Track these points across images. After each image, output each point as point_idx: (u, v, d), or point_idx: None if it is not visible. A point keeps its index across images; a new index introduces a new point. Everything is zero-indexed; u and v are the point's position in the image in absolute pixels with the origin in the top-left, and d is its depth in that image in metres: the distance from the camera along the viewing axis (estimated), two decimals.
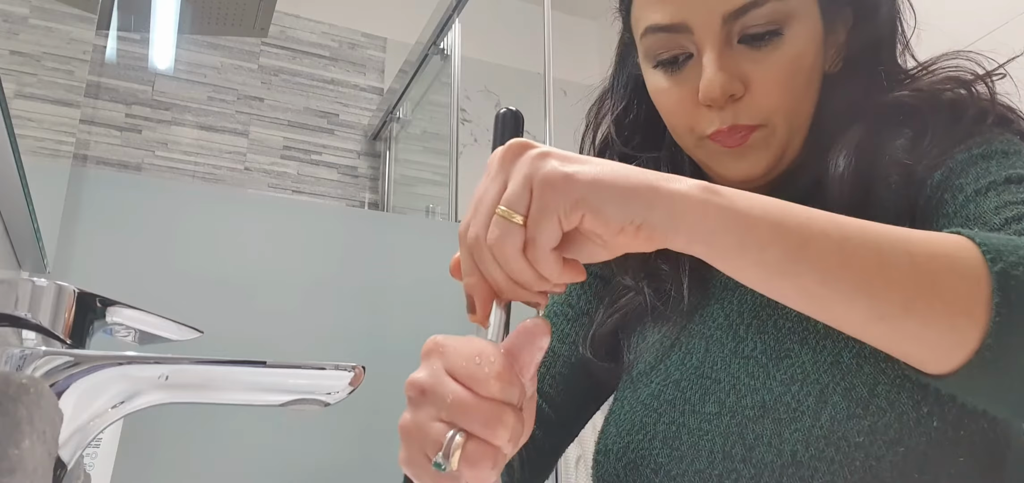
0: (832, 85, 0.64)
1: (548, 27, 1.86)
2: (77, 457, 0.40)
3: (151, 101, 2.55)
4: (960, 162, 0.56)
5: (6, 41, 0.73)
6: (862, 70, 0.64)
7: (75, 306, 0.49)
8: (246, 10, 1.91)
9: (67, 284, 0.49)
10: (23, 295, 0.46)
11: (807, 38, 0.60)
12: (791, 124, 0.62)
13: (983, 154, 0.56)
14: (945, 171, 0.57)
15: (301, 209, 2.08)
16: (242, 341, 1.35)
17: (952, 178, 0.56)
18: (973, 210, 0.53)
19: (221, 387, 0.40)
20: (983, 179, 0.54)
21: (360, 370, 0.40)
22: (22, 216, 0.83)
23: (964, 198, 0.54)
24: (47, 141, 1.02)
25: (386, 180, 2.81)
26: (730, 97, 0.60)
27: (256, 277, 1.43)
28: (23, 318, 0.46)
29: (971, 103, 0.59)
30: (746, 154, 0.62)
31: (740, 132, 0.60)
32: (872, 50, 0.64)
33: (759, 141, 0.61)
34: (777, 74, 0.59)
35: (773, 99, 0.60)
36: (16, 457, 0.31)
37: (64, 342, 0.48)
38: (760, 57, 0.59)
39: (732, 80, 0.59)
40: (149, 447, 1.24)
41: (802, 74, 0.60)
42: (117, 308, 0.51)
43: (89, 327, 0.50)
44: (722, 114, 0.60)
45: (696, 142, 0.64)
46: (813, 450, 0.54)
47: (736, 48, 0.60)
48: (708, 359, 0.63)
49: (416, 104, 2.70)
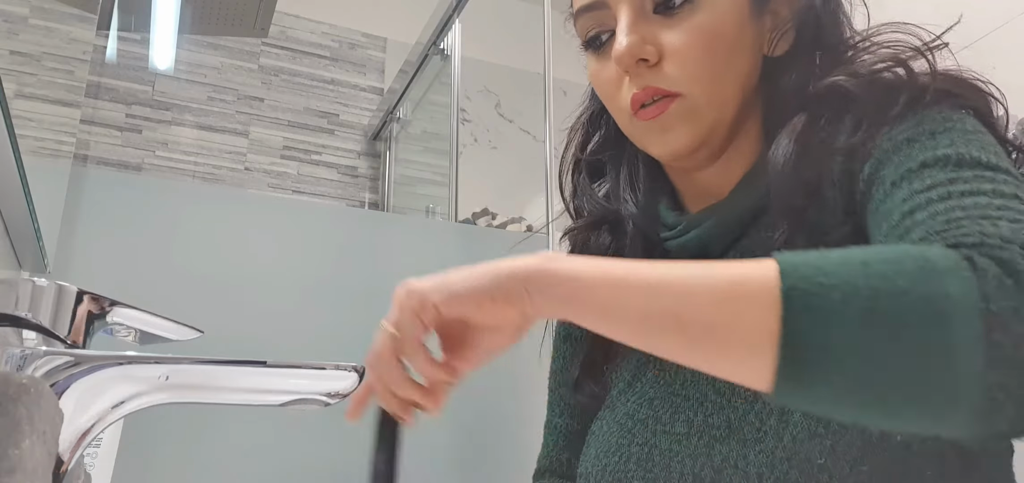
0: (779, 69, 0.63)
1: (548, 27, 1.86)
2: (77, 457, 0.40)
3: (151, 101, 2.55)
4: (885, 150, 0.53)
5: (6, 41, 0.73)
6: (807, 51, 0.62)
7: (75, 306, 0.49)
8: (246, 10, 1.91)
9: (68, 284, 0.49)
10: (23, 295, 0.46)
11: (726, 9, 0.60)
12: (712, 98, 0.61)
13: (908, 138, 0.52)
14: (873, 162, 0.54)
15: (301, 209, 2.08)
16: (242, 341, 1.35)
17: (879, 169, 0.53)
18: (887, 206, 0.50)
19: (221, 387, 0.40)
20: (901, 167, 0.51)
21: (360, 370, 0.40)
22: (22, 216, 0.83)
23: (883, 192, 0.52)
24: (47, 141, 1.02)
25: (386, 180, 2.81)
26: (643, 62, 0.60)
27: (256, 277, 1.43)
28: (24, 318, 0.46)
29: (908, 83, 0.56)
30: (668, 126, 0.61)
31: (657, 99, 0.61)
32: (813, 28, 0.62)
33: (679, 113, 0.61)
34: (689, 39, 0.59)
35: (688, 66, 0.60)
36: (16, 457, 0.31)
37: (64, 342, 0.48)
38: (673, 23, 0.60)
39: (642, 43, 0.60)
40: (149, 447, 1.24)
41: (721, 45, 0.60)
42: (117, 308, 0.51)
43: (90, 327, 0.50)
44: (636, 79, 0.61)
45: (628, 121, 0.64)
46: (777, 472, 0.53)
47: (651, 18, 0.61)
48: (679, 376, 0.63)
49: (416, 104, 2.70)
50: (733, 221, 0.63)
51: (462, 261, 0.47)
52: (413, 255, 1.59)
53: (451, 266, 0.47)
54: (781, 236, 0.58)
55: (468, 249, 1.68)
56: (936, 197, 0.47)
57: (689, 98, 0.60)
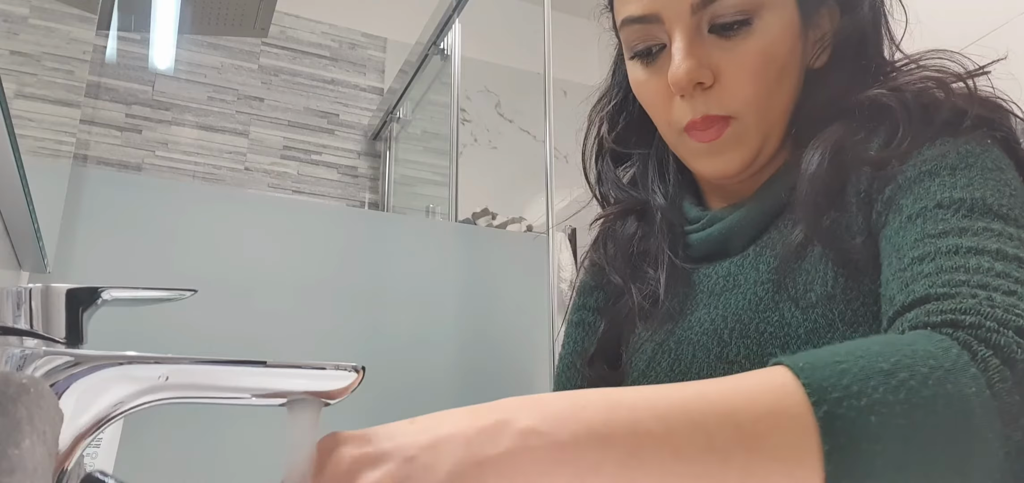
0: (816, 80, 0.63)
1: (548, 27, 1.86)
2: (77, 457, 0.40)
3: (151, 101, 2.55)
4: (908, 178, 0.54)
5: (6, 41, 0.73)
6: (847, 65, 0.63)
7: (66, 303, 0.49)
8: (246, 10, 1.91)
9: (56, 284, 0.49)
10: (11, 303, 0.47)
11: (780, 28, 0.60)
12: (763, 118, 0.61)
13: (930, 171, 0.54)
14: (895, 186, 0.55)
15: (301, 209, 2.08)
16: (242, 341, 1.35)
17: (897, 195, 0.54)
18: (900, 239, 0.52)
19: (221, 387, 0.40)
20: (918, 203, 0.52)
21: (360, 370, 0.40)
22: (22, 216, 0.83)
23: (899, 223, 0.53)
24: (47, 141, 1.01)
25: (386, 180, 2.81)
26: (699, 85, 0.61)
27: (256, 277, 1.43)
28: (19, 329, 0.46)
29: (946, 105, 0.57)
30: (721, 151, 0.62)
31: (714, 125, 0.61)
32: (856, 45, 0.63)
33: (732, 138, 0.62)
34: (746, 63, 0.60)
35: (743, 89, 0.60)
36: (16, 457, 0.31)
37: (63, 343, 0.48)
38: (729, 46, 0.60)
39: (700, 68, 0.60)
40: (149, 447, 1.24)
41: (774, 65, 0.60)
42: (108, 291, 0.52)
43: (84, 319, 0.50)
44: (693, 103, 0.61)
45: (676, 137, 0.65)
46: None
47: (706, 38, 0.60)
48: (694, 365, 0.63)
49: (416, 104, 2.70)
50: (757, 217, 0.64)
51: (462, 261, 0.46)
52: (413, 255, 1.59)
53: (451, 266, 0.46)
54: (799, 235, 0.59)
55: (468, 249, 1.68)
56: (944, 249, 0.49)
57: (742, 121, 0.61)
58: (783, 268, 0.59)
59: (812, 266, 0.58)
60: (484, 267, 1.65)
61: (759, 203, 0.64)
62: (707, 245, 0.67)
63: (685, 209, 0.71)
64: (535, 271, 1.66)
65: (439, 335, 1.54)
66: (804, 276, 0.58)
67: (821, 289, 0.56)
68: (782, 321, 0.58)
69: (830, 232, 0.57)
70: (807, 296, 0.57)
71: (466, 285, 1.61)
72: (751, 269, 0.63)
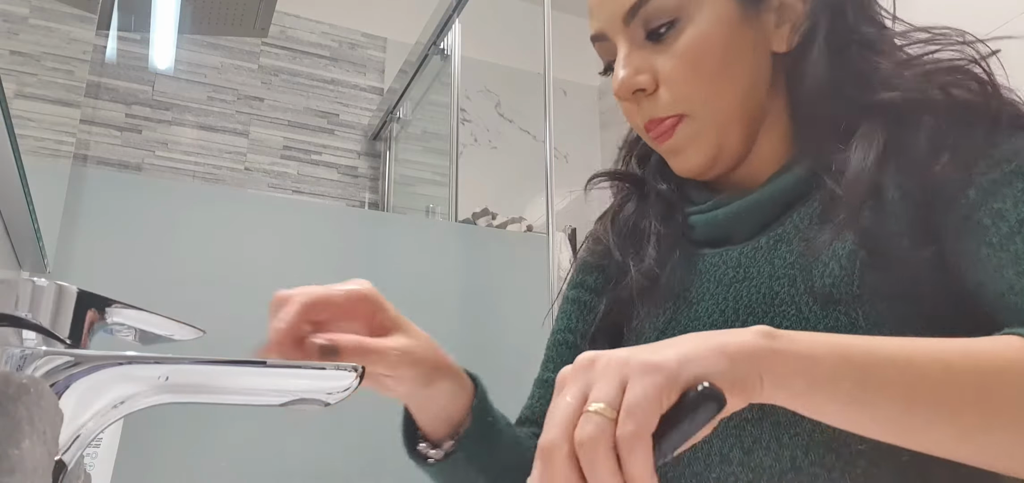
0: (797, 64, 0.62)
1: (548, 27, 1.86)
2: (77, 457, 0.40)
3: (151, 101, 2.55)
4: (994, 181, 0.53)
5: (6, 41, 0.73)
6: (830, 43, 0.61)
7: (75, 306, 0.49)
8: (246, 10, 1.91)
9: (68, 284, 0.49)
10: (24, 295, 0.46)
11: (711, 21, 0.60)
12: (713, 111, 0.62)
13: (1016, 171, 0.53)
14: (978, 189, 0.53)
15: (301, 209, 2.08)
16: (242, 341, 1.35)
17: (989, 200, 0.53)
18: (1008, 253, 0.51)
19: (221, 387, 0.40)
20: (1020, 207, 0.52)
21: (360, 370, 0.40)
22: (22, 216, 0.83)
23: (1008, 229, 0.51)
24: (47, 141, 1.01)
25: (386, 180, 2.81)
26: (641, 92, 0.62)
27: (256, 277, 1.43)
28: (23, 318, 0.46)
29: (983, 104, 0.56)
30: (678, 149, 0.64)
31: (662, 125, 0.63)
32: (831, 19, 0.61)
33: (685, 135, 0.63)
34: (679, 62, 0.61)
35: (681, 87, 0.61)
36: (16, 457, 0.31)
37: (65, 342, 0.48)
38: (663, 49, 0.61)
39: (635, 75, 0.62)
40: (149, 447, 1.24)
41: (711, 58, 0.60)
42: (118, 308, 0.51)
43: (90, 327, 0.50)
44: (640, 110, 0.64)
45: (651, 142, 0.66)
46: (813, 456, 0.53)
47: (645, 46, 0.62)
48: None
49: (416, 104, 2.70)
50: (766, 204, 0.63)
51: (462, 261, 0.46)
52: (413, 255, 1.59)
53: (451, 266, 0.46)
54: (830, 232, 0.57)
55: (468, 249, 1.68)
56: None
57: (692, 118, 0.62)
58: (805, 263, 0.58)
59: (838, 264, 0.56)
60: (484, 267, 1.65)
61: (767, 193, 0.63)
62: (709, 228, 0.66)
63: (689, 190, 0.71)
64: (535, 271, 1.66)
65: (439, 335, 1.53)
66: (829, 274, 0.56)
67: (847, 288, 0.55)
68: (800, 316, 0.57)
69: (870, 232, 0.56)
70: (831, 293, 0.56)
71: (466, 285, 1.61)
72: (765, 261, 0.61)
